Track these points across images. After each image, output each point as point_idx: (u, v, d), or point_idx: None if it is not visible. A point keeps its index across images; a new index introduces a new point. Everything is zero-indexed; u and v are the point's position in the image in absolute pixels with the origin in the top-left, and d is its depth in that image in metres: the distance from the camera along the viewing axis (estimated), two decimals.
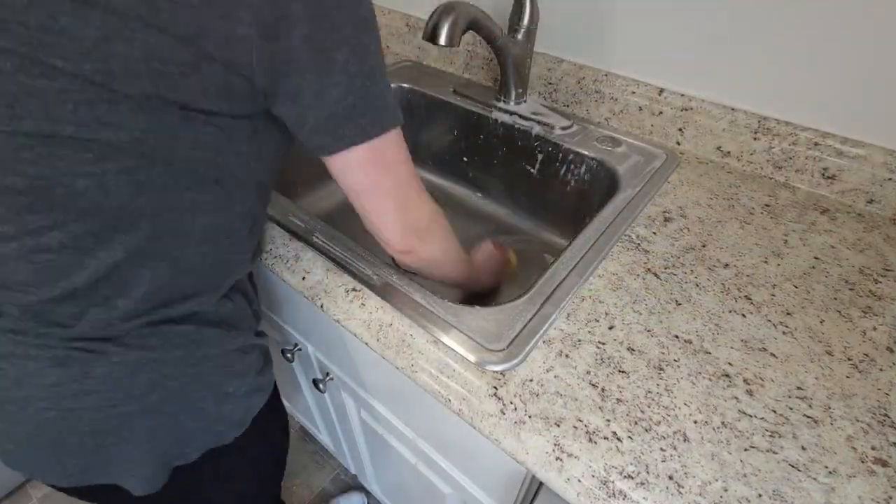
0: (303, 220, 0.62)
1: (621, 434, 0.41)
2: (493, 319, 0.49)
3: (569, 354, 0.47)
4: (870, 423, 0.42)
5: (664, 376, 0.45)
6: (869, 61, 0.59)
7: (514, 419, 0.42)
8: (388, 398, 0.66)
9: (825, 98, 0.63)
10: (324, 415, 0.99)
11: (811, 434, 0.41)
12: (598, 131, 0.79)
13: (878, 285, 0.55)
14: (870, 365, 0.47)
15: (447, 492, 0.70)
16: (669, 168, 0.71)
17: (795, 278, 0.55)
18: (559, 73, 0.83)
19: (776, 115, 0.67)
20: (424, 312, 0.50)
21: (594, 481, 0.39)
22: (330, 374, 0.76)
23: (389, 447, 0.77)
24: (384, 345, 0.49)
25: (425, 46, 1.02)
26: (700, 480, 0.38)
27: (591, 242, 0.58)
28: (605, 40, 0.77)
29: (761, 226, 0.62)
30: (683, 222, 0.62)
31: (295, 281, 0.56)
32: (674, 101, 0.74)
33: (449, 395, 0.45)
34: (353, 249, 0.57)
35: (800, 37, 0.61)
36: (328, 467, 1.32)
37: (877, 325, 0.50)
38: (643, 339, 0.48)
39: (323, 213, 0.93)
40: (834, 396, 0.44)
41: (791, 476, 0.39)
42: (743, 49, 0.66)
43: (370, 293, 0.53)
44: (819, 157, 0.65)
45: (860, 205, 0.65)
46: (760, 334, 0.49)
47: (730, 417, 0.42)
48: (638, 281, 0.54)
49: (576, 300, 0.52)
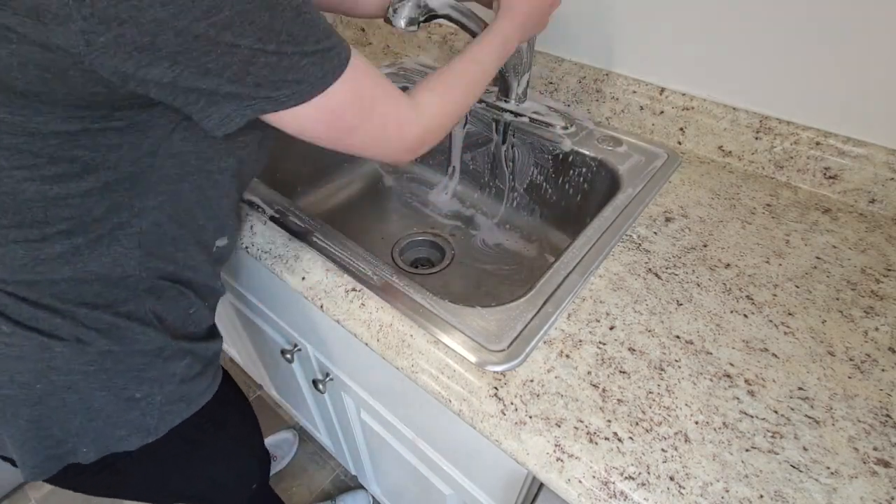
0: (303, 220, 0.61)
1: (622, 435, 0.41)
2: (494, 319, 0.49)
3: (570, 355, 0.47)
4: (872, 424, 0.42)
5: (665, 377, 0.45)
6: (870, 61, 0.59)
7: (515, 420, 0.42)
8: (388, 399, 0.66)
9: (827, 97, 0.63)
10: (324, 415, 0.99)
11: (813, 435, 0.41)
12: (599, 131, 0.79)
13: (880, 285, 0.54)
14: (872, 365, 0.47)
15: (447, 492, 0.70)
16: (671, 168, 0.71)
17: (797, 278, 0.55)
18: (560, 72, 0.83)
19: (778, 114, 0.67)
20: (424, 312, 0.50)
21: (595, 482, 0.38)
22: (330, 374, 0.76)
23: (389, 448, 0.77)
24: (384, 345, 0.49)
25: (426, 46, 1.02)
26: (701, 481, 0.38)
27: (592, 242, 0.58)
28: (605, 40, 0.77)
29: (763, 226, 0.62)
30: (685, 222, 0.62)
31: (295, 281, 0.56)
32: (675, 101, 0.74)
33: (449, 396, 0.45)
34: (352, 249, 0.57)
35: (801, 36, 0.61)
36: (328, 468, 1.32)
37: (879, 325, 0.50)
38: (644, 340, 0.48)
39: (323, 213, 0.93)
40: (836, 397, 0.44)
41: (792, 477, 0.39)
42: (744, 48, 0.66)
43: (370, 293, 0.53)
44: (821, 157, 0.65)
45: (862, 204, 0.65)
46: (762, 334, 0.49)
47: (731, 418, 0.42)
48: (639, 281, 0.54)
49: (577, 300, 0.52)
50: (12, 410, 0.43)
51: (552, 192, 0.84)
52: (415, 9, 0.62)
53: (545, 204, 0.86)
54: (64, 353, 0.43)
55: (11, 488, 1.26)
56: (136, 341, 0.46)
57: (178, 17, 0.28)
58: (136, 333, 0.45)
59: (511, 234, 0.90)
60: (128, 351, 0.45)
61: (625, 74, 0.77)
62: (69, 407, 0.44)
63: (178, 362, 0.49)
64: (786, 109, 0.67)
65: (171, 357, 0.49)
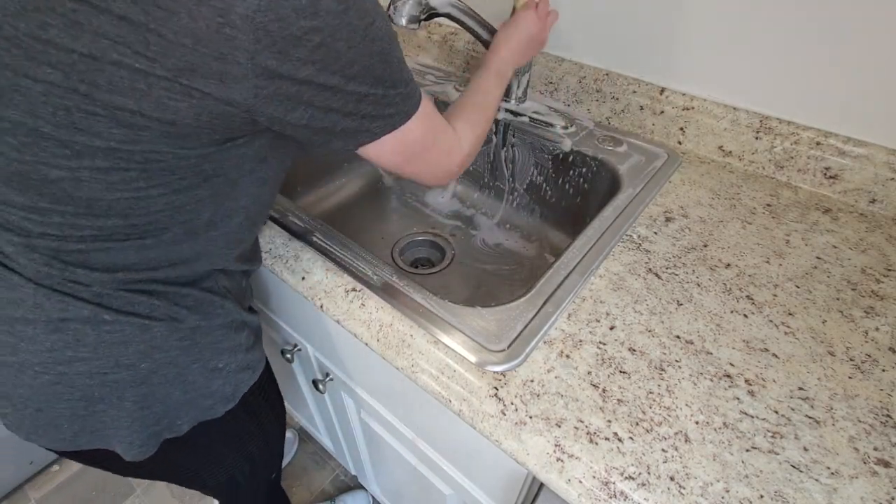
0: (303, 220, 0.61)
1: (622, 435, 0.41)
2: (494, 319, 0.49)
3: (570, 355, 0.47)
4: (872, 424, 0.42)
5: (665, 377, 0.45)
6: (871, 61, 0.59)
7: (515, 420, 0.42)
8: (388, 399, 0.66)
9: (827, 97, 0.63)
10: (323, 415, 0.99)
11: (813, 435, 0.41)
12: (599, 131, 0.79)
13: (880, 285, 0.54)
14: (872, 365, 0.47)
15: (447, 493, 0.70)
16: (671, 168, 0.71)
17: (797, 278, 0.55)
18: (560, 72, 0.83)
19: (778, 114, 0.67)
20: (424, 312, 0.50)
21: (595, 482, 0.38)
22: (330, 374, 0.76)
23: (389, 448, 0.77)
24: (384, 345, 0.49)
25: (426, 46, 1.01)
26: (701, 481, 0.38)
27: (593, 242, 0.58)
28: (605, 39, 0.77)
29: (763, 226, 0.62)
30: (685, 222, 0.62)
31: (294, 281, 0.55)
32: (675, 101, 0.74)
33: (449, 396, 0.44)
34: (352, 249, 0.57)
35: (801, 36, 0.61)
36: (328, 468, 1.32)
37: (879, 325, 0.50)
38: (644, 340, 0.48)
39: (323, 213, 0.93)
40: (836, 397, 0.44)
41: (793, 477, 0.39)
42: (744, 48, 0.66)
43: (370, 293, 0.53)
44: (821, 157, 0.65)
45: (862, 204, 0.65)
46: (762, 335, 0.49)
47: (731, 418, 0.42)
48: (639, 281, 0.54)
49: (577, 300, 0.52)
50: (118, 394, 0.46)
51: (552, 192, 0.84)
52: (416, 6, 0.62)
53: (545, 204, 0.86)
54: (162, 332, 0.46)
55: (11, 488, 1.26)
56: (217, 315, 0.50)
57: (321, 74, 0.35)
58: (216, 307, 0.50)
59: (511, 234, 0.90)
60: (212, 325, 0.50)
61: (625, 74, 0.77)
62: (170, 381, 0.48)
63: (241, 333, 0.53)
64: (786, 109, 0.67)
65: (238, 328, 0.53)
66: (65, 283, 0.42)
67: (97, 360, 0.44)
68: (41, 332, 0.43)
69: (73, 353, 0.43)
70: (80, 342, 0.43)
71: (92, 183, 0.38)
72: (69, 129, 0.35)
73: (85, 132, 0.35)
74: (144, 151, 0.37)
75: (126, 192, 0.39)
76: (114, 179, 0.38)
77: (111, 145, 0.36)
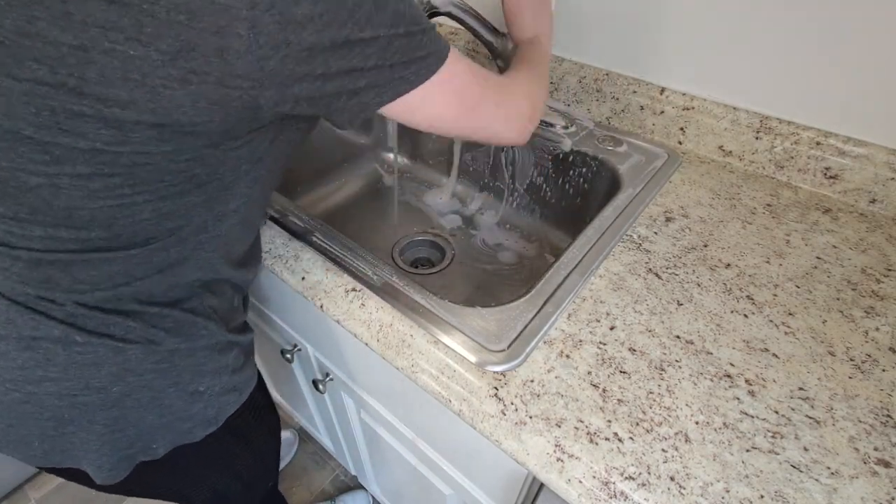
0: (303, 220, 0.61)
1: (622, 435, 0.41)
2: (494, 319, 0.49)
3: (570, 355, 0.47)
4: (872, 424, 0.42)
5: (666, 377, 0.45)
6: (871, 61, 0.59)
7: (515, 420, 0.42)
8: (388, 399, 0.66)
9: (827, 97, 0.63)
10: (323, 415, 0.99)
11: (813, 435, 0.41)
12: (599, 131, 0.79)
13: (880, 285, 0.54)
14: (872, 365, 0.47)
15: (447, 493, 0.70)
16: (671, 168, 0.71)
17: (797, 278, 0.55)
18: (560, 72, 0.83)
19: (778, 114, 0.67)
20: (424, 312, 0.50)
21: (595, 482, 0.38)
22: (330, 374, 0.76)
23: (389, 448, 0.77)
24: (384, 345, 0.49)
25: None
26: (702, 481, 0.38)
27: (593, 242, 0.58)
28: (605, 39, 0.77)
29: (763, 225, 0.62)
30: (685, 222, 0.62)
31: (294, 281, 0.55)
32: (675, 101, 0.74)
33: (449, 396, 0.44)
34: (352, 249, 0.57)
35: (801, 36, 0.61)
36: (328, 468, 1.32)
37: (879, 325, 0.50)
38: (644, 340, 0.48)
39: (323, 213, 0.93)
40: (836, 397, 0.44)
41: (793, 477, 0.39)
42: (744, 48, 0.66)
43: (370, 293, 0.53)
44: (821, 157, 0.65)
45: (862, 204, 0.65)
46: (762, 335, 0.49)
47: (731, 418, 0.42)
48: (639, 281, 0.54)
49: (577, 300, 0.52)
50: (88, 417, 0.44)
51: (552, 192, 0.84)
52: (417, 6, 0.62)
53: (545, 204, 0.86)
54: (137, 355, 0.44)
55: (11, 488, 1.26)
56: (199, 336, 0.48)
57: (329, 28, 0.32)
58: (199, 328, 0.48)
59: (511, 234, 0.90)
60: (193, 347, 0.47)
61: (625, 74, 0.77)
62: (143, 406, 0.46)
63: (228, 354, 0.51)
64: (786, 109, 0.67)
65: (224, 349, 0.51)
66: (38, 301, 0.41)
67: (67, 381, 0.43)
68: (13, 349, 0.41)
69: (43, 373, 0.42)
70: (51, 362, 0.42)
71: (71, 191, 0.36)
72: (52, 130, 0.33)
73: (69, 133, 0.33)
74: (132, 154, 0.35)
75: (109, 200, 0.37)
76: (96, 186, 0.36)
77: (96, 147, 0.34)
